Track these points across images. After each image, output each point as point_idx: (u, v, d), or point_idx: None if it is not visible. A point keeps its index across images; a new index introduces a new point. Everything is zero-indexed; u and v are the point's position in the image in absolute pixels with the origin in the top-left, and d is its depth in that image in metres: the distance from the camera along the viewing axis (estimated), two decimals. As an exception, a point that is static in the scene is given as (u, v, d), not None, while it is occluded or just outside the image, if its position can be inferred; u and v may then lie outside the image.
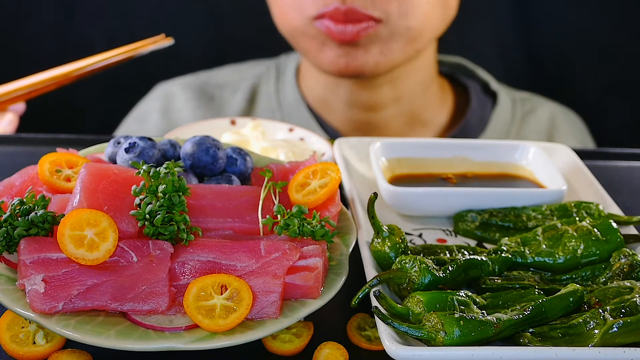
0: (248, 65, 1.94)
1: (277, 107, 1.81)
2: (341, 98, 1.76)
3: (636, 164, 1.50)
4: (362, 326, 1.00)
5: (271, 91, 1.84)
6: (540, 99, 1.95)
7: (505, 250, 1.08)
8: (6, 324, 0.95)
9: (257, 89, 1.86)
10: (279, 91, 1.83)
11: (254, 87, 1.87)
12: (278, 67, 1.88)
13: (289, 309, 0.94)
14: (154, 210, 0.95)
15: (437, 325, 0.90)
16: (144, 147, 1.09)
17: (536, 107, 1.89)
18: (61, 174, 1.07)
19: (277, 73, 1.86)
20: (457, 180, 1.28)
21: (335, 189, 1.07)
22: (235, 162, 1.13)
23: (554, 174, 1.25)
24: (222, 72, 1.93)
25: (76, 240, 0.91)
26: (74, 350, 0.93)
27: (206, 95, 1.87)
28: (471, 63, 1.93)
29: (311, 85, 1.80)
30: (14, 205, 0.96)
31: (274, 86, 1.84)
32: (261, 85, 1.86)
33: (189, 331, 0.90)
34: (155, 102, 1.88)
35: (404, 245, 1.03)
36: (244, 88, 1.86)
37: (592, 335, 0.91)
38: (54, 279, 0.90)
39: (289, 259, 0.95)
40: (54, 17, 2.16)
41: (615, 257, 1.05)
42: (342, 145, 1.34)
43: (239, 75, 1.90)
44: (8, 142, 1.46)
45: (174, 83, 1.91)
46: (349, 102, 1.76)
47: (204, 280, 0.92)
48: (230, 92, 1.87)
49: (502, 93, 1.86)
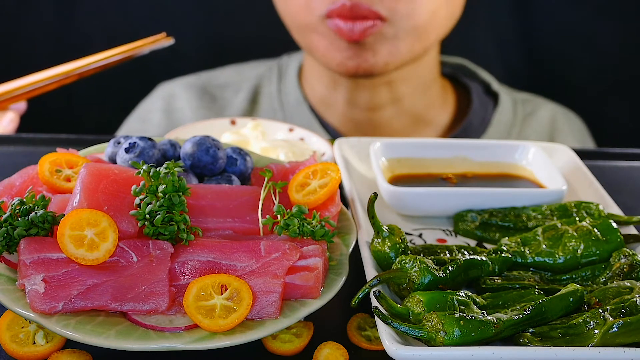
0: (250, 66, 1.94)
1: (279, 107, 1.82)
2: (342, 98, 1.76)
3: (636, 164, 1.50)
4: (362, 326, 1.00)
5: (273, 91, 1.84)
6: (541, 100, 1.95)
7: (505, 250, 1.08)
8: (6, 324, 0.95)
9: (259, 89, 1.87)
10: (281, 91, 1.84)
11: (256, 88, 1.87)
12: (280, 67, 1.88)
13: (289, 309, 0.94)
14: (154, 210, 0.95)
15: (437, 325, 0.90)
16: (144, 147, 1.09)
17: (537, 108, 1.90)
18: (61, 174, 1.07)
19: (279, 73, 1.87)
20: (457, 180, 1.28)
21: (335, 189, 1.07)
22: (235, 162, 1.13)
23: (554, 174, 1.25)
24: (224, 73, 1.94)
25: (76, 240, 0.91)
26: (74, 350, 0.93)
27: (208, 95, 1.87)
28: (472, 64, 1.93)
29: (313, 85, 1.81)
30: (14, 205, 0.96)
31: (276, 86, 1.84)
32: (263, 86, 1.87)
33: (189, 331, 0.90)
34: (157, 102, 1.88)
35: (404, 245, 1.03)
36: (246, 88, 1.87)
37: (592, 335, 0.91)
38: (54, 279, 0.90)
39: (289, 259, 0.95)
40: (53, 17, 2.16)
41: (615, 257, 1.05)
42: (342, 145, 1.34)
43: (241, 75, 1.91)
44: (8, 142, 1.46)
45: (176, 83, 1.91)
46: (349, 102, 1.76)
47: (204, 280, 0.92)
48: (232, 92, 1.88)
49: (504, 94, 1.87)
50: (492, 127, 1.81)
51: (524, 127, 1.85)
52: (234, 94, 1.87)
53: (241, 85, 1.88)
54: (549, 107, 1.92)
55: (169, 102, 1.87)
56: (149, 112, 1.88)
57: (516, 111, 1.86)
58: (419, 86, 1.77)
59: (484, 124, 1.81)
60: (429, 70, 1.78)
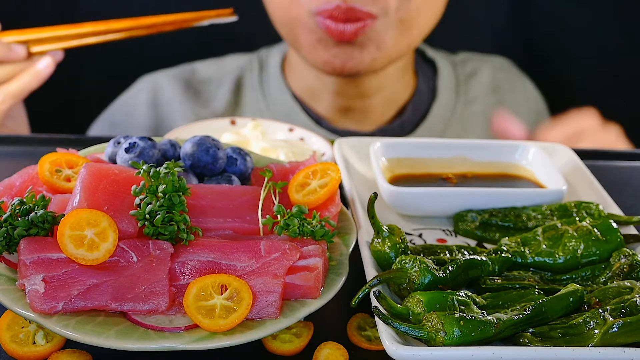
0: (229, 59, 1.96)
1: (262, 97, 1.84)
2: (329, 88, 1.79)
3: (636, 164, 1.50)
4: (362, 326, 1.00)
5: (255, 82, 1.87)
6: (480, 58, 1.99)
7: (505, 250, 1.08)
8: (6, 324, 0.95)
9: (241, 80, 1.89)
10: (262, 82, 1.86)
11: (238, 80, 1.90)
12: (260, 59, 1.91)
13: (289, 309, 0.94)
14: (154, 210, 0.95)
15: (437, 325, 0.90)
16: (144, 147, 1.09)
17: (478, 69, 1.95)
18: (61, 174, 1.07)
19: (259, 65, 1.90)
20: (457, 180, 1.28)
21: (335, 189, 1.07)
22: (235, 162, 1.13)
23: (554, 174, 1.25)
24: (204, 68, 1.95)
25: (76, 240, 0.91)
26: (74, 350, 0.93)
27: (192, 89, 1.89)
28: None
29: (300, 74, 1.83)
30: (14, 205, 0.96)
31: (257, 77, 1.87)
32: (245, 77, 1.89)
33: (189, 331, 0.90)
34: (141, 95, 1.89)
35: (404, 245, 1.03)
36: (228, 81, 1.89)
37: (592, 335, 0.91)
38: (54, 279, 0.90)
39: (289, 259, 0.95)
40: (53, 17, 2.15)
41: (615, 257, 1.06)
42: (342, 145, 1.34)
43: (222, 69, 1.93)
44: (8, 142, 1.46)
45: (159, 75, 1.91)
46: (337, 92, 1.79)
47: (204, 280, 0.92)
48: (215, 86, 1.90)
49: (440, 58, 1.91)
50: (440, 92, 1.86)
51: (469, 87, 1.90)
52: (217, 88, 1.89)
53: (222, 80, 1.90)
54: (488, 65, 1.96)
55: (155, 95, 1.88)
56: (134, 106, 1.89)
57: (457, 73, 1.91)
58: (397, 71, 1.81)
59: (432, 91, 1.87)
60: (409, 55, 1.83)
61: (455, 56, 1.98)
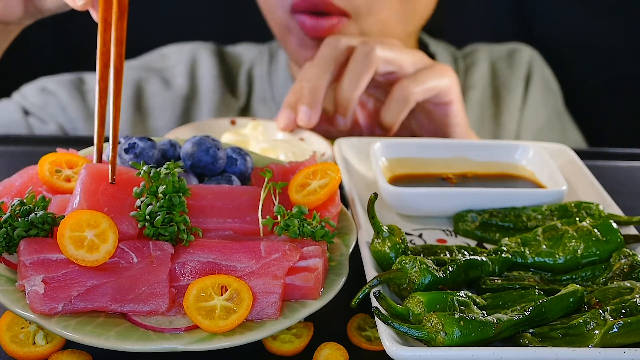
0: (245, 48, 2.00)
1: (269, 87, 1.88)
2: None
3: (636, 164, 1.50)
4: (362, 326, 1.00)
5: (264, 72, 1.90)
6: (481, 48, 1.99)
7: (505, 250, 1.08)
8: (6, 325, 0.95)
9: (252, 71, 1.93)
10: (271, 72, 1.90)
11: (249, 70, 1.93)
12: (271, 50, 1.94)
13: (289, 309, 0.94)
14: (154, 211, 0.95)
15: (437, 325, 0.90)
16: (144, 147, 1.09)
17: (477, 60, 1.95)
18: (61, 174, 1.07)
19: (270, 56, 1.93)
20: (457, 180, 1.28)
21: (335, 189, 1.07)
22: (235, 162, 1.13)
23: (554, 174, 1.25)
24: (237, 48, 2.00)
25: (76, 241, 0.91)
26: (74, 351, 0.93)
27: (226, 65, 1.93)
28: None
29: None
30: (14, 206, 0.96)
31: (266, 68, 1.90)
32: (255, 68, 1.93)
33: (189, 332, 0.90)
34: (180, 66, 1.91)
35: (404, 245, 1.03)
36: (243, 72, 1.93)
37: (592, 336, 0.91)
38: (53, 280, 0.90)
39: (289, 260, 0.95)
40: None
41: (616, 258, 1.05)
42: (342, 145, 1.34)
43: (239, 58, 1.97)
44: (8, 142, 1.46)
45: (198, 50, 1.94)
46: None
47: (204, 281, 0.92)
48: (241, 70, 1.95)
49: (441, 53, 1.92)
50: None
51: (467, 78, 1.91)
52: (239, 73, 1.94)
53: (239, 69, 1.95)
54: (488, 56, 1.96)
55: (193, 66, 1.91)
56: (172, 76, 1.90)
57: (457, 67, 1.92)
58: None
59: None
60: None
61: (459, 51, 1.98)
